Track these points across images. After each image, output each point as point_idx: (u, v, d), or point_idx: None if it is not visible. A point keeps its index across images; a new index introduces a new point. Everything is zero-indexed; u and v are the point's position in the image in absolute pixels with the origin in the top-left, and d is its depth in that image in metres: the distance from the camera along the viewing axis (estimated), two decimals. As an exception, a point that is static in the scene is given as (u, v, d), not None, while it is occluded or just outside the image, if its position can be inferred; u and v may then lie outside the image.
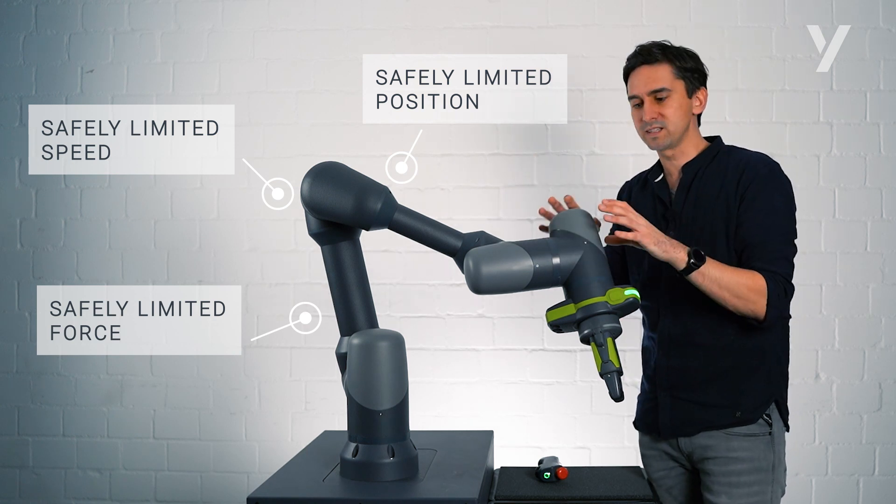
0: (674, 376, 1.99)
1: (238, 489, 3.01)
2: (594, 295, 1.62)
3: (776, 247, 1.84)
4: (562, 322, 1.66)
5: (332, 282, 1.74)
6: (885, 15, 2.96)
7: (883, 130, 2.96)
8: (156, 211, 3.14)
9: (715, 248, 1.90)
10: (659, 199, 2.04)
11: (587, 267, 1.64)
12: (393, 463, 1.62)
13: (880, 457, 2.96)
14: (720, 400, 1.92)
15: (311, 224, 1.73)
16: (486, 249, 1.63)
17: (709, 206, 1.93)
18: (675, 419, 1.98)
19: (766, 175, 1.90)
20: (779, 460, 1.92)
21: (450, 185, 3.04)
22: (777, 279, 1.81)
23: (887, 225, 2.96)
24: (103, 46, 3.14)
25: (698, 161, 1.98)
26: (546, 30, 3.03)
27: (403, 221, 1.68)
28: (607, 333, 1.61)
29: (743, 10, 3.00)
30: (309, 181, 1.68)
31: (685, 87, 1.95)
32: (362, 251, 1.76)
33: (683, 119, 1.96)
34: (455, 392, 3.04)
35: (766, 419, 1.90)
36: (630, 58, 2.01)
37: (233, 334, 3.11)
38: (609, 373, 1.61)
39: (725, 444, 1.90)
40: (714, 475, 1.91)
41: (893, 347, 2.96)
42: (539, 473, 1.91)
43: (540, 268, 1.61)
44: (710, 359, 1.93)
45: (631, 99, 2.00)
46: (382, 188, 1.67)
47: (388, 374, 1.63)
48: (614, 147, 3.02)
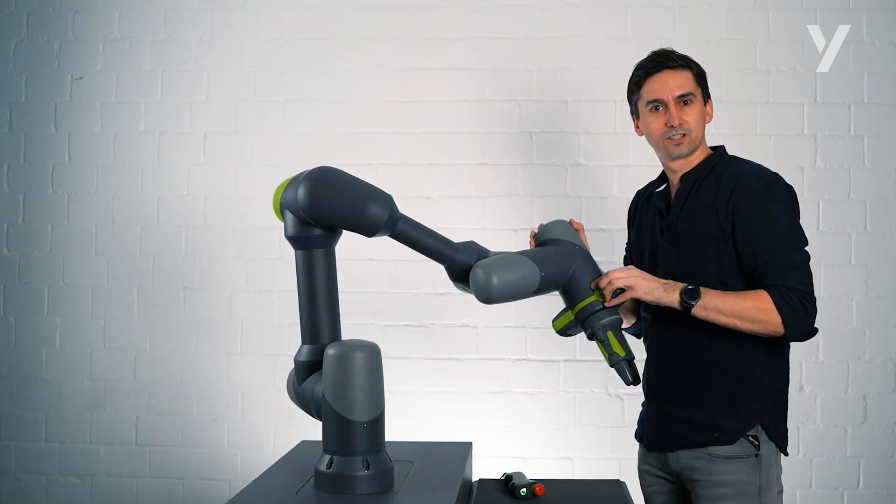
0: (659, 389, 1.99)
1: (220, 497, 3.00)
2: (586, 296, 1.75)
3: (783, 260, 1.81)
4: (566, 328, 1.79)
5: (301, 287, 1.74)
6: (868, 29, 2.99)
7: (867, 143, 2.99)
8: (142, 217, 3.15)
9: (704, 262, 1.89)
10: (658, 210, 2.03)
11: (580, 270, 1.76)
12: (367, 476, 1.61)
13: (865, 470, 2.96)
14: (701, 417, 1.90)
15: (289, 227, 1.72)
16: (495, 260, 1.69)
17: (701, 218, 1.92)
18: (658, 432, 1.98)
19: (760, 188, 1.87)
20: (768, 484, 1.87)
21: (435, 195, 3.06)
22: (787, 293, 1.77)
23: (871, 237, 2.98)
24: (93, 54, 3.16)
25: (697, 171, 1.96)
26: (532, 41, 3.06)
27: (406, 231, 1.70)
28: (606, 328, 1.73)
29: (728, 23, 3.03)
30: (308, 185, 1.66)
31: (702, 95, 1.96)
32: (336, 261, 1.76)
33: (702, 127, 1.96)
34: (437, 402, 3.04)
35: (752, 441, 1.86)
36: (646, 62, 1.98)
37: (217, 341, 3.12)
38: (616, 363, 1.73)
39: (709, 466, 1.88)
40: (701, 499, 1.90)
41: (878, 360, 2.97)
42: (513, 491, 1.88)
43: (546, 274, 1.70)
44: (695, 374, 1.92)
45: (650, 103, 1.95)
46: (388, 196, 1.67)
47: (363, 386, 1.62)
48: (599, 158, 3.04)
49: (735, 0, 3.02)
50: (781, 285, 1.77)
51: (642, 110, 1.98)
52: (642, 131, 2.02)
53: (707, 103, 1.98)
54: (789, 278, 1.78)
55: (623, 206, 2.88)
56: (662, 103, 1.92)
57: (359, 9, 3.10)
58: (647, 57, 1.98)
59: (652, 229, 2.05)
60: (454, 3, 3.08)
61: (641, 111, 1.99)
